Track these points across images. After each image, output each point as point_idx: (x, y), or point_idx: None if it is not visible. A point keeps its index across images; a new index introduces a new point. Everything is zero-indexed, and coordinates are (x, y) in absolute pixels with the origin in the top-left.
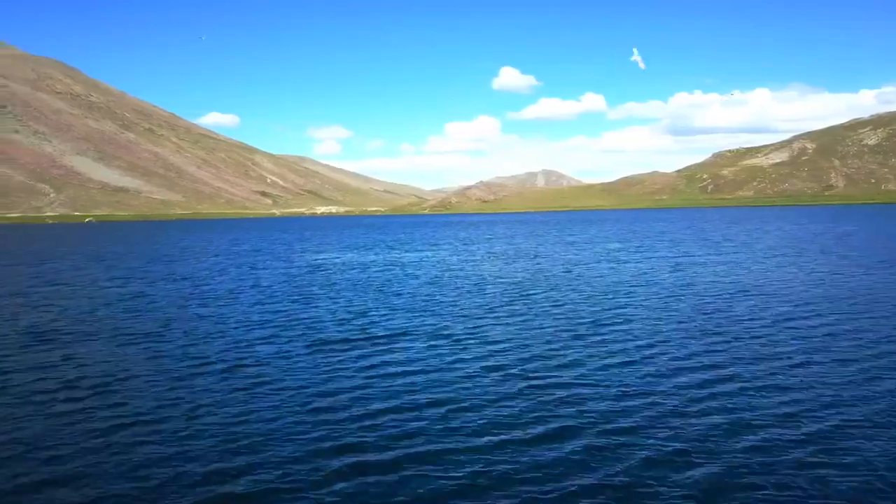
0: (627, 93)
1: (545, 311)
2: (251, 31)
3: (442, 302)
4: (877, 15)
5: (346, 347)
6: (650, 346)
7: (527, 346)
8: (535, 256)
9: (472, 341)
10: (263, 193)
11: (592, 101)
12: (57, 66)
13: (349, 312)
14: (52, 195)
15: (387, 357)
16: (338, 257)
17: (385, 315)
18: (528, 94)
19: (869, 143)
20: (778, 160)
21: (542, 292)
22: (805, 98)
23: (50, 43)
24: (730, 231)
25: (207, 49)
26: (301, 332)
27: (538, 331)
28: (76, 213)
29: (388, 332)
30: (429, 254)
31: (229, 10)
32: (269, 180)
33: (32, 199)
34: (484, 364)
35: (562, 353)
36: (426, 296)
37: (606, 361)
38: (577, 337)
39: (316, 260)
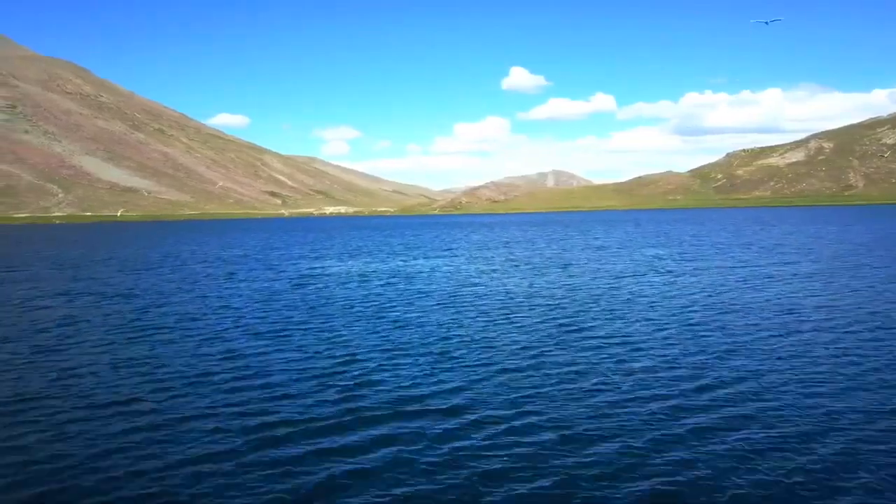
0: (637, 93)
1: (613, 358)
2: (260, 31)
3: (462, 338)
4: (889, 14)
5: (308, 439)
6: (819, 434)
7: (616, 436)
8: (566, 265)
9: (518, 425)
10: (272, 194)
11: (602, 101)
12: (67, 67)
13: (330, 359)
14: (60, 195)
15: (375, 463)
16: (336, 266)
17: (379, 366)
18: (538, 94)
19: (888, 142)
20: (794, 160)
21: (596, 322)
22: (816, 98)
23: (61, 43)
24: (769, 234)
25: (217, 50)
26: (249, 399)
27: (619, 398)
28: (87, 214)
29: (379, 404)
30: (441, 262)
31: (239, 10)
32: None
33: (41, 200)
34: (551, 488)
35: (678, 449)
36: (440, 327)
37: (763, 475)
38: (684, 412)
39: (310, 269)
